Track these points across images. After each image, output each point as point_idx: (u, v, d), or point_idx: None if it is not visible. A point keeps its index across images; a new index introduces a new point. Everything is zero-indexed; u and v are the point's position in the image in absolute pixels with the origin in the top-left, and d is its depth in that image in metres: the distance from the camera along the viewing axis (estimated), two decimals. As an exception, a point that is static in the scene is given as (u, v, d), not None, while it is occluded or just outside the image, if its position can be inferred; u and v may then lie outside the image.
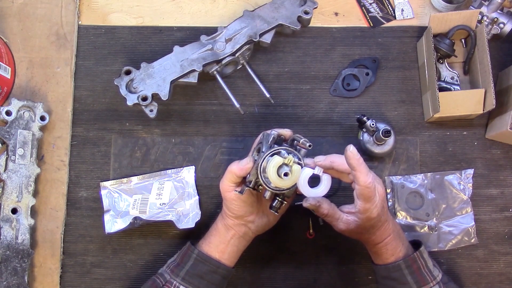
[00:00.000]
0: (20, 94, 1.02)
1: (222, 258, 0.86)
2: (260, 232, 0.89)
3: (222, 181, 0.83)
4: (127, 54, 1.05)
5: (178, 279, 0.84)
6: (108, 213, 0.99)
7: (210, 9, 1.08)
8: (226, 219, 0.86)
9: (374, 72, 1.04)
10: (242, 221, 0.86)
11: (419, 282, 0.81)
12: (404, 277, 0.82)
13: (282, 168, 0.77)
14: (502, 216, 1.00)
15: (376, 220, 0.80)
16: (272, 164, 0.76)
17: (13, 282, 0.93)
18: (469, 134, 1.03)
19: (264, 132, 0.84)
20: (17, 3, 1.06)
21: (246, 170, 0.81)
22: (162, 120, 1.03)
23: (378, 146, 0.98)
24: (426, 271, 0.83)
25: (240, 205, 0.83)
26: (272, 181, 0.77)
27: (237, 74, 1.05)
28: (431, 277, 0.82)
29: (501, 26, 1.02)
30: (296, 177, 0.78)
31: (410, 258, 0.82)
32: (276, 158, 0.77)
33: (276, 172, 0.76)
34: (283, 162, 0.77)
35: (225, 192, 0.83)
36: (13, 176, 0.96)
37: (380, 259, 0.84)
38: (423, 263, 0.83)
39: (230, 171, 0.82)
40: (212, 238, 0.87)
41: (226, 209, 0.86)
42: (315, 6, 1.01)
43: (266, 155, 0.78)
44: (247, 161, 0.81)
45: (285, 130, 0.86)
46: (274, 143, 0.82)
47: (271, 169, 0.76)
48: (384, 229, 0.82)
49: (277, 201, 0.83)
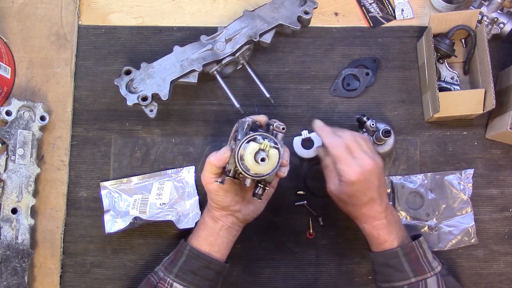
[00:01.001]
0: (20, 94, 1.02)
1: (212, 251, 0.86)
2: (249, 220, 0.89)
3: (202, 174, 0.83)
4: (127, 54, 1.05)
5: (171, 276, 0.84)
6: (108, 213, 0.99)
7: (210, 9, 1.08)
8: (212, 212, 0.87)
9: (374, 72, 1.05)
10: (229, 211, 0.86)
11: (416, 271, 0.81)
12: (401, 265, 0.82)
13: (258, 153, 0.76)
14: (502, 216, 1.00)
15: (357, 189, 0.82)
16: (249, 151, 0.76)
17: (13, 282, 0.93)
18: (469, 134, 1.03)
19: (240, 120, 0.84)
20: (17, 3, 1.07)
21: (224, 160, 0.80)
22: (162, 120, 1.03)
23: (378, 146, 0.98)
24: (424, 261, 0.82)
25: (224, 195, 0.83)
26: (251, 167, 0.77)
27: (237, 74, 1.05)
28: (429, 267, 0.82)
29: (501, 26, 1.02)
30: (274, 161, 0.78)
31: (408, 246, 0.82)
32: (252, 145, 0.76)
33: (253, 158, 0.76)
34: (259, 147, 0.77)
35: (207, 184, 0.83)
36: (13, 176, 0.96)
37: (375, 243, 0.85)
38: (422, 253, 0.83)
39: (209, 162, 0.81)
40: (201, 232, 0.87)
41: (211, 201, 0.86)
42: (315, 6, 1.01)
43: (242, 142, 0.78)
44: (224, 150, 0.81)
45: (259, 116, 0.86)
46: (249, 130, 0.82)
47: (248, 155, 0.76)
48: (371, 208, 0.83)
49: (259, 188, 0.82)
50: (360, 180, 0.81)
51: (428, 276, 0.81)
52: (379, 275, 0.86)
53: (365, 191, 0.82)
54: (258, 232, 0.99)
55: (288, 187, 1.00)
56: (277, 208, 0.99)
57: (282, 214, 0.99)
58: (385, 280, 0.84)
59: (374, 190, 0.82)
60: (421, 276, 0.81)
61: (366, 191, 0.82)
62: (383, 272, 0.84)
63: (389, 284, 0.83)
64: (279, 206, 0.99)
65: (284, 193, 0.99)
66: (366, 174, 0.81)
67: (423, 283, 0.81)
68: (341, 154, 0.83)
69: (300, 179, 1.01)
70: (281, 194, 0.87)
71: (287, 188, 1.00)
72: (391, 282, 0.83)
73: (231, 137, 0.86)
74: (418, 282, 0.81)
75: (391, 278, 0.83)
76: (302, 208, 1.00)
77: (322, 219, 0.99)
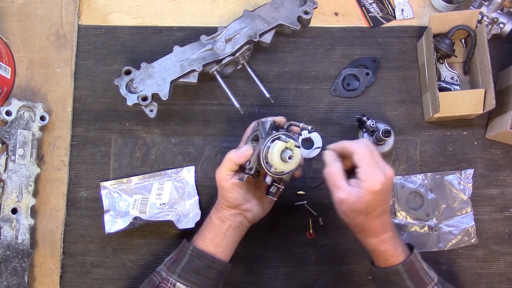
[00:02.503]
0: (20, 94, 1.02)
1: (217, 251, 0.86)
2: (256, 220, 0.89)
3: (219, 170, 0.83)
4: (127, 54, 1.06)
5: (174, 276, 0.84)
6: (108, 213, 0.99)
7: (210, 9, 1.08)
8: (221, 211, 0.86)
9: (374, 72, 1.05)
10: (239, 210, 0.86)
11: (419, 285, 0.80)
12: (404, 282, 0.80)
13: (285, 152, 0.79)
14: (502, 216, 1.00)
15: (378, 199, 0.76)
16: (276, 149, 0.78)
17: (13, 282, 0.93)
18: (469, 134, 1.03)
19: (259, 120, 0.86)
20: (17, 3, 1.07)
21: (246, 157, 0.81)
22: (162, 120, 1.03)
23: (378, 146, 0.98)
24: (423, 273, 0.82)
25: (238, 193, 0.84)
26: (276, 165, 0.79)
27: (237, 74, 1.05)
28: (429, 279, 0.81)
29: (501, 26, 1.02)
30: (297, 160, 0.80)
31: (408, 262, 0.80)
32: (278, 143, 0.79)
33: (279, 156, 0.78)
34: (285, 146, 0.79)
35: (222, 181, 0.83)
36: (13, 176, 0.96)
37: (381, 259, 0.82)
38: (420, 265, 0.82)
39: (229, 159, 0.82)
40: (207, 233, 0.87)
41: (222, 199, 0.86)
42: (315, 6, 1.01)
43: (268, 141, 0.80)
44: (247, 148, 0.82)
45: (279, 118, 0.87)
46: (271, 130, 0.84)
47: (275, 153, 0.78)
48: (383, 220, 0.79)
49: (274, 187, 0.85)
50: (382, 189, 0.76)
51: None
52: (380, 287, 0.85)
53: (383, 202, 0.78)
54: (259, 232, 0.99)
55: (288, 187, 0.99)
56: (277, 208, 0.99)
57: (282, 214, 0.99)
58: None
59: (388, 201, 0.81)
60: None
61: (384, 202, 0.78)
62: (384, 286, 0.84)
63: None
64: (279, 206, 0.99)
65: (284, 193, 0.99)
66: (388, 183, 0.77)
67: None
68: (368, 158, 0.77)
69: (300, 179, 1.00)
70: (281, 194, 0.87)
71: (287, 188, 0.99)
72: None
73: (248, 137, 0.87)
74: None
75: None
76: (302, 208, 1.00)
77: (322, 219, 0.99)
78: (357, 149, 0.78)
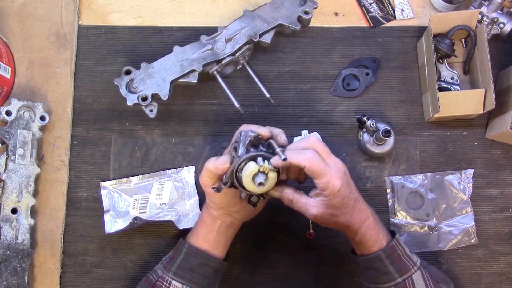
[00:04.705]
0: (20, 94, 1.02)
1: (211, 248, 0.86)
2: (247, 219, 0.89)
3: (201, 176, 0.82)
4: (127, 54, 1.06)
5: (170, 274, 0.84)
6: (108, 213, 0.99)
7: (210, 9, 1.08)
8: (210, 210, 0.86)
9: (374, 72, 1.05)
10: (226, 211, 0.86)
11: (401, 270, 0.80)
12: (386, 267, 0.80)
13: (257, 176, 0.74)
14: (502, 216, 1.00)
15: (344, 195, 0.77)
16: (248, 172, 0.74)
17: (13, 282, 0.93)
18: (469, 134, 1.03)
19: (242, 131, 0.80)
20: (17, 3, 1.07)
21: (222, 170, 0.79)
22: (162, 120, 1.03)
23: (378, 146, 0.98)
24: (405, 258, 0.81)
25: (222, 198, 0.83)
26: (248, 188, 0.75)
27: (237, 74, 1.05)
28: (411, 263, 0.81)
29: (501, 26, 1.02)
30: (271, 184, 0.76)
31: (389, 247, 0.80)
32: (251, 166, 0.74)
33: (251, 180, 0.75)
34: (258, 170, 0.74)
35: (204, 187, 0.83)
36: (13, 176, 0.96)
37: (365, 248, 0.82)
38: (402, 250, 0.81)
39: (207, 168, 0.80)
40: (200, 230, 0.87)
41: (209, 201, 0.86)
42: (315, 6, 1.01)
43: (242, 161, 0.75)
44: (224, 160, 0.79)
45: (263, 131, 0.82)
46: (251, 146, 0.78)
47: (246, 177, 0.74)
48: (359, 209, 0.80)
49: (254, 197, 0.81)
50: (343, 184, 0.76)
51: (412, 272, 0.80)
52: (364, 276, 0.85)
53: (349, 194, 0.78)
54: (258, 232, 0.99)
55: (288, 187, 1.00)
56: (277, 208, 0.99)
57: (282, 214, 0.99)
58: (371, 281, 0.83)
59: (354, 189, 0.80)
60: (406, 274, 0.80)
61: (350, 194, 0.78)
62: (367, 274, 0.84)
63: (375, 285, 0.82)
64: (279, 206, 0.99)
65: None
66: (344, 176, 0.78)
67: (409, 281, 0.80)
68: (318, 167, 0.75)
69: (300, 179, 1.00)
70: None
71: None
72: (377, 284, 0.82)
73: (232, 145, 0.84)
74: (404, 281, 0.80)
75: (377, 280, 0.82)
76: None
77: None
78: (303, 162, 0.75)
